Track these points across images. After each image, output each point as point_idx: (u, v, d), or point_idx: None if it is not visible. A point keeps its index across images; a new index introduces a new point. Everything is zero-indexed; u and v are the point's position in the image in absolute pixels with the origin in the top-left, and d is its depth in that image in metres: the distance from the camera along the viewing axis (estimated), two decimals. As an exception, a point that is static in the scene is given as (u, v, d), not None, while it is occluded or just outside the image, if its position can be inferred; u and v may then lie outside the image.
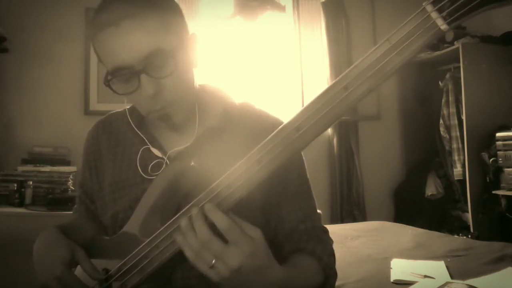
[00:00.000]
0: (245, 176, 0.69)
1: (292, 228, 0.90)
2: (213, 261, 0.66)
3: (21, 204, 2.53)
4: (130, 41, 0.75)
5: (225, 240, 0.66)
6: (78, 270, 0.83)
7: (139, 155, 0.90)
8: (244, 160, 0.70)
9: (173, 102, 0.81)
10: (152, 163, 0.89)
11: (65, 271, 0.78)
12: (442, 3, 0.57)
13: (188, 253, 0.69)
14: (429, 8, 0.58)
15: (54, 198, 2.51)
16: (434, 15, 0.58)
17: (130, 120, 0.93)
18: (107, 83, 0.80)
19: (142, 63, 0.76)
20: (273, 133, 0.68)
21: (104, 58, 0.80)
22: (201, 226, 0.67)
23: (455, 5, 0.56)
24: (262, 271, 0.68)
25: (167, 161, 0.88)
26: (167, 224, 0.75)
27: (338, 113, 0.65)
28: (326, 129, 0.67)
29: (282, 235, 0.90)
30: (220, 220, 0.66)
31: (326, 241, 0.92)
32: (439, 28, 0.58)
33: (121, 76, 0.79)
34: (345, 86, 0.63)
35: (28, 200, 2.54)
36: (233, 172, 0.70)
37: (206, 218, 0.68)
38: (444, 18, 0.57)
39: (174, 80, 0.79)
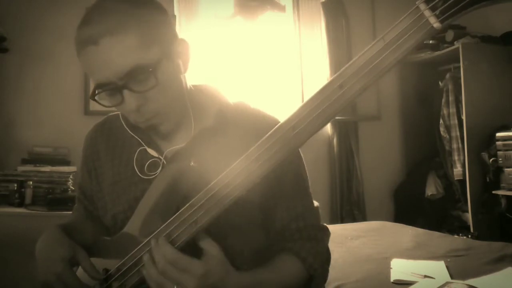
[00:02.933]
0: (243, 174, 0.70)
1: (283, 226, 0.90)
2: (174, 287, 0.71)
3: (21, 204, 2.52)
4: (110, 59, 0.76)
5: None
6: (79, 272, 0.83)
7: (135, 156, 0.91)
8: (242, 159, 0.70)
9: (158, 113, 0.82)
10: (148, 163, 0.90)
11: (65, 269, 0.80)
12: (435, 1, 0.58)
13: (153, 284, 0.74)
14: (422, 6, 0.59)
15: (54, 198, 2.51)
16: (427, 13, 0.59)
17: (123, 123, 0.94)
18: (93, 97, 0.82)
19: (123, 79, 0.78)
20: (269, 132, 0.69)
21: (89, 74, 0.82)
22: (158, 257, 0.73)
23: (447, 3, 0.57)
24: (219, 284, 0.73)
25: (164, 160, 0.89)
26: (165, 224, 0.76)
27: (334, 112, 0.66)
28: (322, 127, 0.67)
29: (273, 233, 0.91)
30: (167, 253, 0.72)
31: (318, 239, 0.92)
32: (432, 26, 0.59)
33: (106, 91, 0.81)
34: (340, 84, 0.64)
35: (28, 200, 2.54)
36: (231, 171, 0.71)
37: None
38: (437, 16, 0.58)
39: (158, 92, 0.80)
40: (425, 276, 1.45)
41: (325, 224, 0.97)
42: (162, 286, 0.72)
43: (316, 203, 0.99)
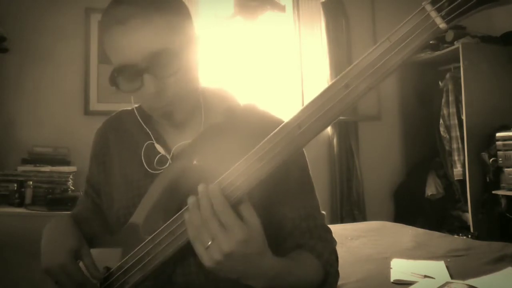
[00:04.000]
0: (247, 173, 0.70)
1: (294, 225, 0.90)
2: (209, 242, 0.67)
3: (21, 204, 2.53)
4: (135, 40, 0.77)
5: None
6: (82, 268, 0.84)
7: (143, 150, 0.92)
8: (247, 157, 0.70)
9: (175, 101, 0.83)
10: (156, 158, 0.90)
11: (69, 260, 0.81)
12: (441, 2, 0.59)
13: (190, 230, 0.70)
14: (428, 7, 0.60)
15: (54, 198, 2.52)
16: (433, 14, 0.59)
17: (137, 114, 0.95)
18: (113, 80, 0.82)
19: (146, 62, 0.78)
20: (275, 131, 0.69)
21: (111, 55, 0.82)
22: (204, 204, 0.69)
23: (453, 4, 0.58)
24: (255, 259, 0.69)
25: (169, 157, 0.90)
26: (169, 221, 0.76)
27: (339, 111, 0.66)
28: (327, 126, 0.68)
29: (284, 232, 0.90)
30: (217, 202, 0.68)
31: (328, 240, 0.92)
32: (438, 27, 0.59)
33: (126, 73, 0.81)
34: (346, 84, 0.64)
35: (28, 200, 2.54)
36: (235, 169, 0.71)
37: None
38: (443, 17, 0.59)
39: (177, 79, 0.81)
40: (425, 276, 1.44)
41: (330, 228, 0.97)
42: (199, 236, 0.68)
43: (323, 212, 0.99)
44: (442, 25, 0.59)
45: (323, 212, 1.00)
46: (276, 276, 0.73)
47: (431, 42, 3.21)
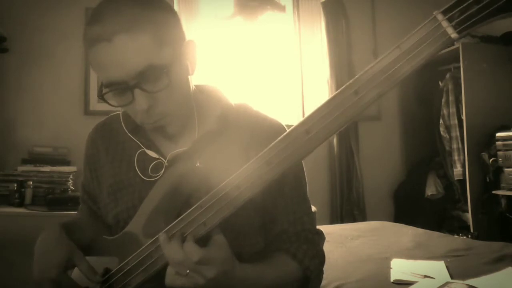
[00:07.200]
0: (254, 176, 0.70)
1: (283, 229, 0.91)
2: (187, 272, 0.70)
3: (21, 204, 2.53)
4: (123, 57, 0.75)
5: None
6: (77, 272, 0.83)
7: (136, 158, 0.91)
8: (254, 161, 0.70)
9: (167, 115, 0.82)
10: (151, 165, 0.89)
11: (60, 275, 0.80)
12: (453, 12, 0.58)
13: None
14: (439, 17, 0.59)
15: (54, 198, 2.51)
16: (444, 23, 0.59)
17: (123, 125, 0.94)
18: (101, 95, 0.80)
19: (135, 79, 0.76)
20: (283, 135, 0.69)
21: (98, 72, 0.80)
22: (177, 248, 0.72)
23: (465, 14, 0.58)
24: (232, 273, 0.73)
25: (166, 163, 0.89)
26: (172, 224, 0.76)
27: (348, 117, 0.66)
28: (335, 132, 0.68)
29: (272, 234, 0.92)
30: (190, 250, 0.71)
31: (314, 242, 0.92)
32: (450, 37, 0.59)
33: (116, 90, 0.79)
34: (355, 91, 0.64)
35: (28, 200, 2.54)
36: (242, 172, 0.71)
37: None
38: (454, 27, 0.59)
39: (168, 93, 0.79)
40: (425, 276, 1.44)
41: (320, 229, 0.97)
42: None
43: (313, 208, 0.99)
44: (454, 35, 0.59)
45: (314, 207, 1.00)
46: (245, 279, 0.76)
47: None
